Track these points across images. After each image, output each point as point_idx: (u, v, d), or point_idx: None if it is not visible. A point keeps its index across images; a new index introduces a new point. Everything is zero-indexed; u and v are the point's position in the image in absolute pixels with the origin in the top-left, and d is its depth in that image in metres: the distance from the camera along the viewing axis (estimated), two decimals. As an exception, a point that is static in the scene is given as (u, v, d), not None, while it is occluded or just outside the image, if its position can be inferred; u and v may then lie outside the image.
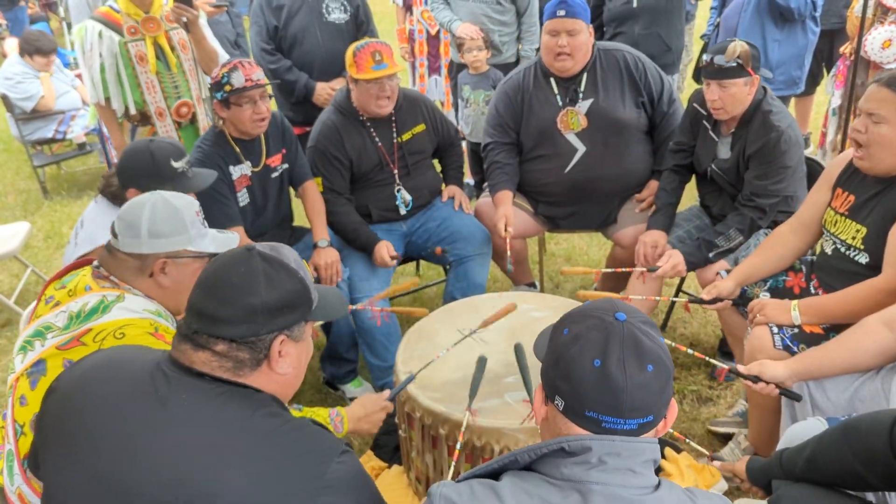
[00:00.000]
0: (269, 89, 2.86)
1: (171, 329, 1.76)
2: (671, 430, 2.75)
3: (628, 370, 1.14)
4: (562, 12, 2.97)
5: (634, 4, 4.09)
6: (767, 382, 2.06)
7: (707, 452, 2.12)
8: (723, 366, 2.26)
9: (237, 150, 2.89)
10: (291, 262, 1.39)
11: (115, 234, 1.82)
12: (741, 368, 2.12)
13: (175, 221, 1.82)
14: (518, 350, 2.13)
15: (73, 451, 1.29)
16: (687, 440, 2.29)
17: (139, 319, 1.72)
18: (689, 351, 2.31)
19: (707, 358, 2.35)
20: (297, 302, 1.37)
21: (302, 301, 1.38)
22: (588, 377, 1.15)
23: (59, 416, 1.35)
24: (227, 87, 2.73)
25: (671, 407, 1.22)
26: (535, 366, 1.47)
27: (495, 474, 1.22)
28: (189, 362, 1.31)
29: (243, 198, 2.94)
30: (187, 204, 1.87)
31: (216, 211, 2.80)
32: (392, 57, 2.97)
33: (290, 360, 1.37)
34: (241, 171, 2.90)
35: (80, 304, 1.75)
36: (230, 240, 1.96)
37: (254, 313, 1.30)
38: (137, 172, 2.32)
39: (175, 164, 2.34)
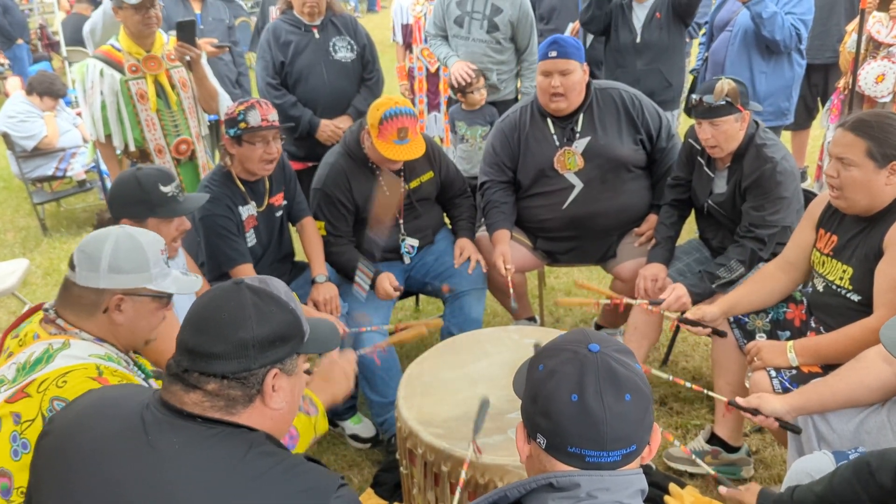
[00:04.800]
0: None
1: (118, 371, 1.70)
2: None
3: (606, 402, 1.14)
4: (553, 53, 2.98)
5: (638, 40, 4.13)
6: (767, 416, 2.06)
7: (712, 472, 2.11)
8: (722, 398, 2.25)
9: (243, 190, 2.89)
10: (282, 295, 1.36)
11: (72, 267, 1.76)
12: (740, 401, 2.12)
13: (138, 258, 1.75)
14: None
15: (64, 494, 1.27)
16: (694, 457, 2.27)
17: (82, 364, 1.65)
18: (688, 384, 2.30)
19: (706, 391, 2.35)
20: (289, 334, 1.34)
21: (294, 333, 1.35)
22: (567, 412, 1.15)
23: (51, 460, 1.32)
24: (242, 125, 2.73)
25: (654, 432, 1.22)
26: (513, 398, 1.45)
27: None
28: (180, 404, 1.28)
29: (251, 238, 2.94)
30: (152, 241, 1.81)
31: (226, 248, 2.80)
32: (416, 128, 2.95)
33: (283, 395, 1.34)
34: (248, 211, 2.90)
35: (27, 355, 1.68)
36: (193, 283, 1.89)
37: (245, 348, 1.28)
38: (127, 201, 2.28)
39: (164, 189, 2.30)
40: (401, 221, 3.18)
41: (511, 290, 3.01)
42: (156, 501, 1.20)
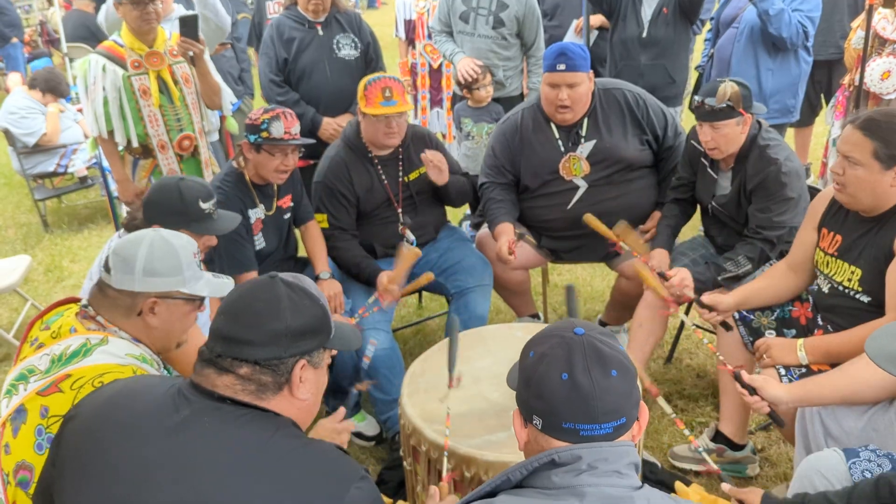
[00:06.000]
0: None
1: (152, 374, 1.73)
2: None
3: (594, 377, 1.21)
4: (562, 66, 2.94)
5: (644, 34, 4.11)
6: (762, 399, 2.08)
7: (715, 468, 2.10)
8: (729, 367, 2.26)
9: (254, 193, 2.90)
10: (313, 290, 1.42)
11: (107, 269, 1.78)
12: (745, 376, 2.13)
13: (171, 261, 1.78)
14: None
15: (91, 477, 1.30)
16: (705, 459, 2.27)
17: (119, 366, 1.67)
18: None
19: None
20: (319, 328, 1.40)
21: (323, 327, 1.41)
22: (559, 391, 1.21)
23: (77, 444, 1.36)
24: (265, 134, 2.73)
25: (642, 409, 1.29)
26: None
27: (490, 496, 1.25)
28: (212, 386, 1.33)
29: (259, 241, 2.94)
30: (185, 244, 1.84)
31: (236, 253, 2.80)
32: (403, 94, 2.96)
33: (309, 386, 1.39)
34: (256, 214, 2.91)
35: (63, 347, 1.70)
36: (224, 285, 1.92)
37: (278, 337, 1.33)
38: (164, 209, 2.27)
39: (203, 206, 2.31)
40: (399, 211, 3.17)
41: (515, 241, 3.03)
42: (185, 481, 1.24)
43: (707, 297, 2.56)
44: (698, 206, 3.10)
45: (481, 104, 4.11)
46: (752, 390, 2.08)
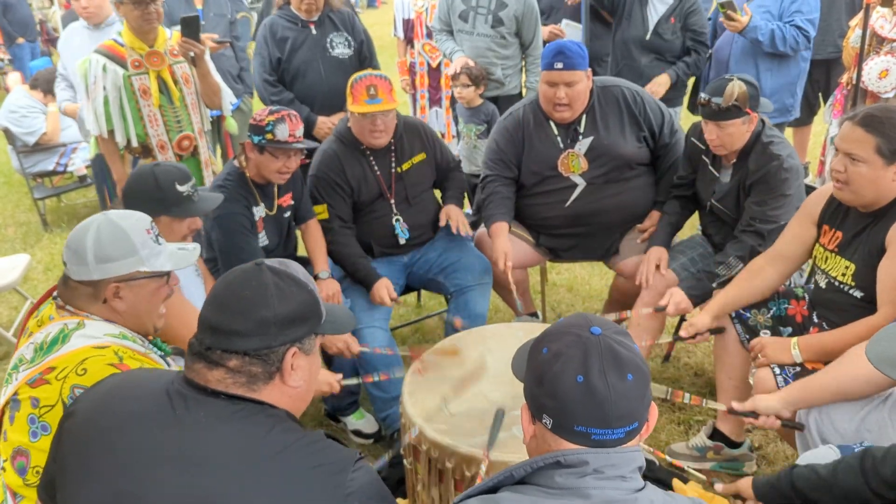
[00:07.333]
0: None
1: (137, 353, 1.71)
2: (670, 460, 2.76)
3: (610, 382, 1.18)
4: (559, 65, 2.95)
5: (647, 37, 4.12)
6: (767, 416, 2.09)
7: (704, 479, 2.13)
8: (721, 407, 2.28)
9: (256, 192, 2.91)
10: (301, 276, 1.40)
11: (64, 262, 1.77)
12: (737, 406, 2.14)
13: (123, 243, 1.74)
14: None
15: (92, 472, 1.30)
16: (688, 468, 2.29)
17: (99, 348, 1.66)
18: (686, 397, 2.26)
19: (705, 401, 2.29)
20: (308, 314, 1.39)
21: (312, 313, 1.40)
22: (573, 393, 1.19)
23: (78, 440, 1.36)
24: (269, 136, 2.74)
25: (652, 409, 1.26)
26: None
27: (491, 492, 1.25)
28: (204, 381, 1.33)
29: (262, 240, 2.95)
30: (136, 222, 1.79)
31: (245, 245, 2.79)
32: (389, 92, 2.96)
33: (301, 374, 1.38)
34: (258, 213, 2.92)
35: (44, 335, 1.70)
36: (189, 254, 1.89)
37: (266, 325, 1.32)
38: (142, 197, 2.25)
39: (180, 188, 2.29)
40: (392, 202, 3.18)
41: (514, 291, 3.00)
42: (184, 476, 1.24)
43: (684, 330, 2.60)
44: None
45: (471, 105, 4.11)
46: (754, 414, 2.10)
